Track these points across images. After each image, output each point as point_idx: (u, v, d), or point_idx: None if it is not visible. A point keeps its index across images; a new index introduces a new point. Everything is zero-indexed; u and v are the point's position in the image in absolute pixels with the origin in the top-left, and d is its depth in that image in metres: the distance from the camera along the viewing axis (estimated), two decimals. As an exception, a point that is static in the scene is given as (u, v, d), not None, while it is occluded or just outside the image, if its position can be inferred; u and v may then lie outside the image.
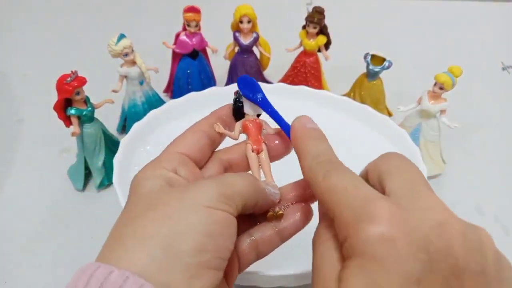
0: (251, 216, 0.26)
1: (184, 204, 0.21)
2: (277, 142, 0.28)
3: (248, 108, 0.28)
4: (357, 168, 0.24)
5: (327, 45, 0.58)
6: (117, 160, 0.42)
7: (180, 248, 0.19)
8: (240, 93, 0.28)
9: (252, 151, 0.27)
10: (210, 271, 0.20)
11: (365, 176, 0.23)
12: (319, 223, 0.23)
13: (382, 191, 0.21)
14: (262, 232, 0.26)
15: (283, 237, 0.26)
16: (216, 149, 0.28)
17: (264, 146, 0.28)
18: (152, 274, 0.19)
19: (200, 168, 0.27)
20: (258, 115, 0.28)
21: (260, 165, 0.28)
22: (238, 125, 0.28)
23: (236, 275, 0.25)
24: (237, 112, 0.28)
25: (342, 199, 0.20)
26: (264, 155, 0.28)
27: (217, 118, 0.28)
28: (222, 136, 0.28)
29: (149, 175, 0.23)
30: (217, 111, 0.28)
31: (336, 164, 0.22)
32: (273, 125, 0.28)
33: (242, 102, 0.28)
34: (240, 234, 0.26)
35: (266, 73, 0.64)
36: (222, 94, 0.52)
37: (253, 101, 0.27)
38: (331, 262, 0.20)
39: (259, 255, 0.26)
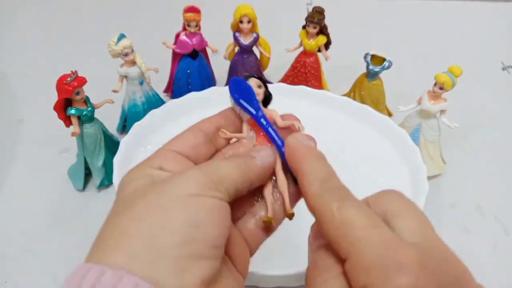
0: (251, 194, 0.25)
1: (165, 197, 0.20)
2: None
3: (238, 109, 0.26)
4: (357, 168, 0.23)
5: (327, 45, 0.58)
6: (117, 160, 0.43)
7: (163, 242, 0.19)
8: (233, 99, 0.26)
9: None
10: (202, 261, 0.20)
11: None
12: (316, 254, 0.21)
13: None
14: (265, 208, 0.25)
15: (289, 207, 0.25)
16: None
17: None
18: (134, 271, 0.18)
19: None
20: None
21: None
22: (246, 123, 0.27)
23: (248, 259, 0.25)
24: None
25: (362, 239, 0.18)
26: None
27: (223, 117, 0.26)
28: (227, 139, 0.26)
29: (134, 176, 0.23)
30: (224, 111, 0.27)
31: (348, 193, 0.21)
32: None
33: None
34: (243, 215, 0.25)
35: (266, 73, 0.64)
36: (222, 94, 0.52)
37: (249, 112, 0.26)
38: None
39: (269, 232, 0.26)
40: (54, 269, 0.42)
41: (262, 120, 0.25)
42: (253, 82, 0.26)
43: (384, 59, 0.53)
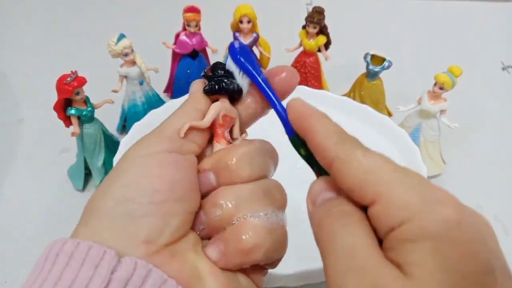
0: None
1: (120, 163, 0.22)
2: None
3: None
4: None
5: (327, 45, 0.58)
6: (117, 160, 0.43)
7: (100, 207, 0.21)
8: (235, 64, 0.24)
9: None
10: (139, 219, 0.20)
11: None
12: (327, 204, 0.20)
13: None
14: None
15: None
16: None
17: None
18: (90, 238, 0.19)
19: None
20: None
21: None
22: (215, 107, 0.23)
23: None
24: (217, 89, 0.23)
25: (395, 180, 0.17)
26: None
27: (188, 117, 0.23)
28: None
29: None
30: (185, 110, 0.24)
31: (366, 146, 0.20)
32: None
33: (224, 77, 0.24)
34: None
35: (266, 73, 0.64)
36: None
37: (251, 77, 0.24)
38: (371, 247, 0.17)
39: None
40: (54, 269, 0.42)
41: (263, 84, 0.24)
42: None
43: (384, 59, 0.53)
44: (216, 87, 0.24)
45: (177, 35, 0.57)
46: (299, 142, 0.23)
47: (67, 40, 0.78)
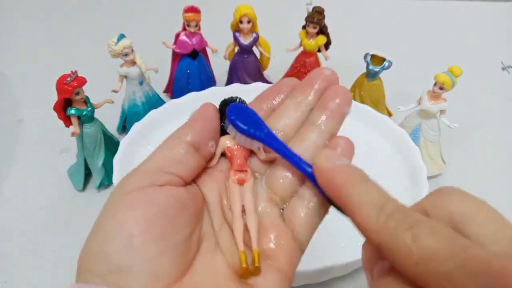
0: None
1: (108, 204, 0.20)
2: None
3: (243, 139, 0.22)
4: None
5: (327, 45, 0.58)
6: (117, 160, 0.43)
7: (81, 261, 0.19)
8: (233, 127, 0.22)
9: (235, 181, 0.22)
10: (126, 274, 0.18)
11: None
12: (383, 282, 0.18)
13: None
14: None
15: None
16: None
17: (250, 176, 0.22)
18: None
19: None
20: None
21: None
22: (222, 142, 0.22)
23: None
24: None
25: (453, 270, 0.15)
26: (248, 188, 0.21)
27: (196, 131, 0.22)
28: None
29: None
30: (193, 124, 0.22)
31: (412, 213, 0.17)
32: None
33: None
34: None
35: (266, 73, 0.64)
36: (222, 94, 0.52)
37: (257, 138, 0.21)
38: None
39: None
40: (54, 269, 0.42)
41: (282, 146, 0.21)
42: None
43: (384, 59, 0.53)
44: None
45: (177, 35, 0.57)
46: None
47: (67, 40, 0.78)
